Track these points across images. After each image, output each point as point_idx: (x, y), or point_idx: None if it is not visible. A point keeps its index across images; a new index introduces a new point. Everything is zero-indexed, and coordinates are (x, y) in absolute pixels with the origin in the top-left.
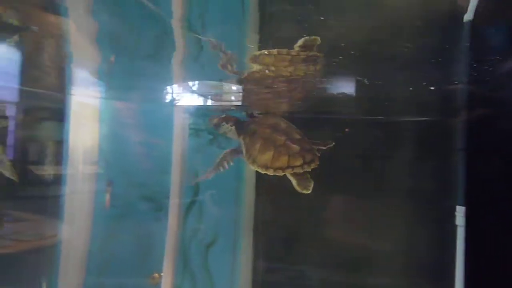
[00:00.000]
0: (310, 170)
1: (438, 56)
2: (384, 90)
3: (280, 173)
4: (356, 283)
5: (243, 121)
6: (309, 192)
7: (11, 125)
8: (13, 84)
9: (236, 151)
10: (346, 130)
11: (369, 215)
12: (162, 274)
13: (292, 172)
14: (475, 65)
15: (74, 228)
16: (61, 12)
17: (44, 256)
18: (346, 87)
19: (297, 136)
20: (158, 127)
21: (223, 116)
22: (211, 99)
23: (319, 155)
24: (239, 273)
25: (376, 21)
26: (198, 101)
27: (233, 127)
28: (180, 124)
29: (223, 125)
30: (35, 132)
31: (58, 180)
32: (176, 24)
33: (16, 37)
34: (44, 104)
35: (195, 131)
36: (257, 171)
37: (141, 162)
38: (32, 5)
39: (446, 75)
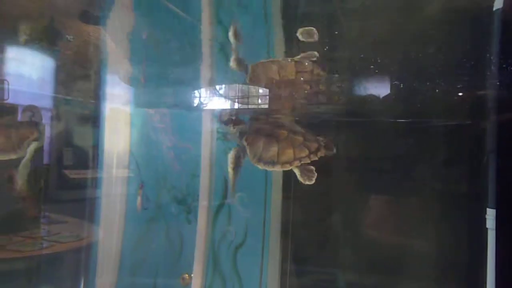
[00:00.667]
0: (317, 159)
1: (467, 55)
2: (414, 92)
3: (288, 167)
4: (385, 286)
5: (245, 124)
6: (312, 183)
7: (47, 131)
8: (50, 91)
9: (242, 151)
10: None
11: (399, 217)
12: (192, 275)
13: (300, 164)
14: (506, 63)
15: (108, 229)
16: (96, 21)
17: (81, 256)
18: (375, 89)
19: (298, 129)
20: (187, 131)
21: (234, 117)
22: (238, 102)
23: (323, 144)
24: (267, 275)
25: (401, 18)
26: (225, 105)
27: (238, 131)
28: (208, 128)
29: (230, 126)
30: (70, 137)
31: (92, 183)
32: (204, 30)
33: (55, 45)
34: (79, 111)
35: (222, 135)
36: (284, 173)
37: (171, 166)
38: (68, 15)
39: (476, 75)
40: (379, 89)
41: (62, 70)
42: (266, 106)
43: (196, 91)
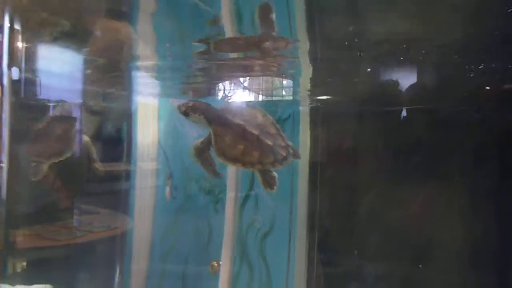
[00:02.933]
0: (280, 168)
1: (492, 40)
2: (441, 80)
3: (249, 168)
4: (413, 275)
5: (215, 109)
6: (273, 191)
7: (78, 124)
8: (81, 87)
9: (206, 142)
10: (402, 118)
11: (427, 207)
12: (220, 262)
13: (262, 169)
14: None
15: (139, 219)
16: (123, 16)
17: (114, 245)
18: (400, 76)
19: (273, 131)
20: None
21: (190, 104)
22: (262, 94)
23: (292, 152)
24: (294, 263)
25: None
26: (249, 96)
27: (202, 117)
28: None
29: (191, 114)
30: (102, 131)
31: (123, 175)
32: (226, 21)
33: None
34: (110, 105)
35: None
36: (310, 162)
37: None
38: (95, 11)
39: (502, 59)
40: (407, 77)
41: (92, 66)
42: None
43: (220, 82)
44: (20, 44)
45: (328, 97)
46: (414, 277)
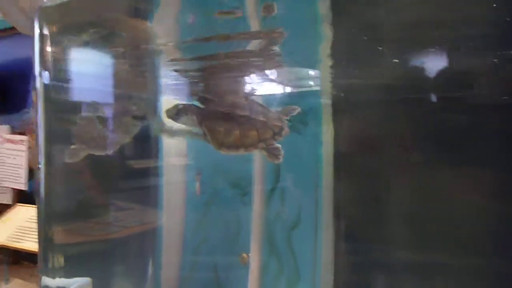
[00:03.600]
0: (282, 139)
1: None
2: (471, 66)
3: (252, 150)
4: (440, 263)
5: (201, 108)
6: (280, 161)
7: (110, 124)
8: (111, 87)
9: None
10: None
11: (453, 196)
12: (249, 254)
13: (265, 146)
14: None
15: (171, 214)
16: (147, 16)
17: (147, 239)
18: (424, 63)
19: (260, 108)
20: None
21: (181, 107)
22: (289, 86)
23: (286, 122)
24: (321, 253)
25: None
26: (275, 89)
27: (194, 117)
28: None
29: (182, 116)
30: (133, 130)
31: (154, 172)
32: (251, 14)
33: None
34: (139, 103)
35: None
36: (335, 151)
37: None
38: (121, 12)
39: None
40: (432, 63)
41: (120, 67)
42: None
43: (246, 76)
44: (51, 48)
45: (351, 84)
46: (444, 267)
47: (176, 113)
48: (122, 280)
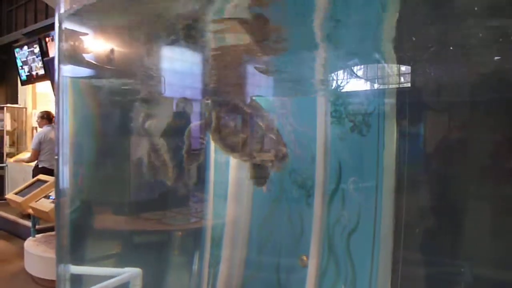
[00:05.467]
0: (276, 169)
1: None
2: None
3: (246, 159)
4: (506, 279)
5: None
6: (263, 189)
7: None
8: (198, 83)
9: (203, 125)
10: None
11: None
12: (309, 257)
13: (260, 162)
14: None
15: (240, 209)
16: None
17: (216, 232)
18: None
19: (275, 130)
20: (306, 115)
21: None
22: (370, 81)
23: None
24: (378, 261)
25: None
26: (340, 89)
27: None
28: (322, 112)
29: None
30: None
31: (227, 167)
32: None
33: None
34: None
35: (337, 119)
36: (397, 157)
37: (292, 149)
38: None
39: None
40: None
41: (206, 64)
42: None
43: (311, 73)
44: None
45: (420, 83)
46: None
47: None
48: (178, 271)
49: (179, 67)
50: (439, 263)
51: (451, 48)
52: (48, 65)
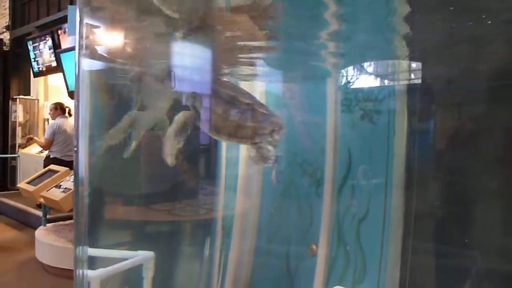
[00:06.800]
0: (279, 138)
1: None
2: None
3: (245, 143)
4: None
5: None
6: (269, 165)
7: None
8: (210, 78)
9: (190, 117)
10: None
11: None
12: (318, 246)
13: (259, 140)
14: None
15: (248, 200)
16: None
17: (226, 223)
18: None
19: (263, 105)
20: (316, 105)
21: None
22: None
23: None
24: (388, 249)
25: None
26: (350, 77)
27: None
28: (332, 101)
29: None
30: None
31: (235, 161)
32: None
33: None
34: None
35: (347, 107)
36: (407, 144)
37: (302, 140)
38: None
39: None
40: None
41: (216, 59)
42: None
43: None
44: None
45: (431, 69)
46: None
47: (193, 99)
48: (189, 259)
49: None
50: (450, 252)
51: (463, 33)
52: (59, 57)
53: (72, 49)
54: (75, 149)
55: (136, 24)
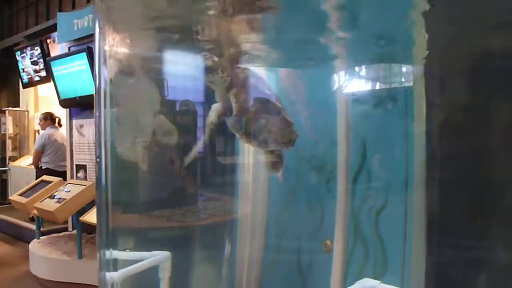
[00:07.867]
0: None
1: None
2: None
3: (263, 147)
4: None
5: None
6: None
7: (200, 122)
8: (201, 86)
9: (227, 107)
10: None
11: None
12: (333, 241)
13: (276, 148)
14: None
15: (255, 200)
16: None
17: (233, 226)
18: None
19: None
20: (322, 100)
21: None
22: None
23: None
24: (411, 241)
25: None
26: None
27: (228, 79)
28: (343, 92)
29: (217, 73)
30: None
31: (237, 167)
32: None
33: None
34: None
35: (358, 96)
36: (427, 130)
37: (309, 135)
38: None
39: None
40: None
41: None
42: None
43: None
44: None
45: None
46: None
47: (213, 65)
48: (202, 260)
49: None
50: (476, 245)
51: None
52: (50, 65)
53: (62, 56)
54: (97, 159)
55: None
